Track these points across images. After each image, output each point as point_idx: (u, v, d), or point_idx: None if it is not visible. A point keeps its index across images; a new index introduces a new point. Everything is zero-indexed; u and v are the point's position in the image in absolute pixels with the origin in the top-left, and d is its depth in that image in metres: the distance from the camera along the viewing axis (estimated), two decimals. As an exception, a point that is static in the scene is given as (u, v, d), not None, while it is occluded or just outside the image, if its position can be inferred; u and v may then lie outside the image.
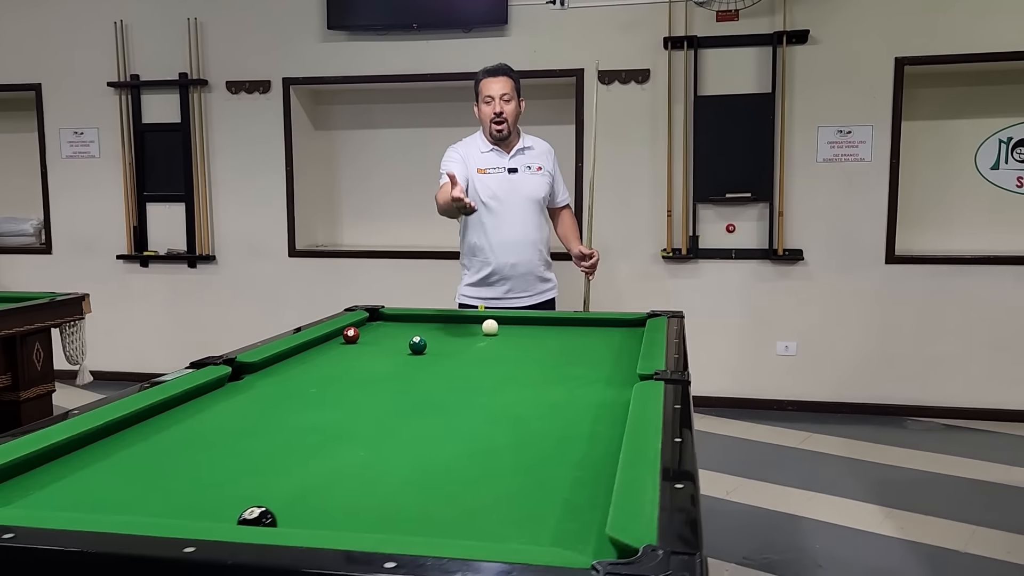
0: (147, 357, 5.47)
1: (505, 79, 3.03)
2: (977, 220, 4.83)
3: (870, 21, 4.54)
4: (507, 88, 3.03)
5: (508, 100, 3.02)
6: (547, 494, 1.21)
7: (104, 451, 1.41)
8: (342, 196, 5.60)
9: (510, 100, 3.03)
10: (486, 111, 3.04)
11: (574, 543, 1.04)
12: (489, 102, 3.02)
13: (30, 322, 3.33)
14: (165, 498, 1.20)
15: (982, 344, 4.62)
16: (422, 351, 2.27)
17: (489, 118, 3.04)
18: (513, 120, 3.06)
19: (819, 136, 4.66)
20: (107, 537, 0.96)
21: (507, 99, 3.02)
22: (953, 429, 4.49)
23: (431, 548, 0.93)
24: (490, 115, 3.03)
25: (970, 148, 4.82)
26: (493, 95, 3.01)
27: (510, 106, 3.03)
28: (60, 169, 5.50)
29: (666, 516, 1.02)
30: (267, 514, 1.04)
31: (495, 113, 3.01)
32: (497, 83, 3.02)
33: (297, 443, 1.46)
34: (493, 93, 3.02)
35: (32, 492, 1.22)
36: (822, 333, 4.77)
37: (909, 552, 2.89)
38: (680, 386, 1.71)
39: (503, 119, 3.02)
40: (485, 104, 3.04)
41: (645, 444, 1.33)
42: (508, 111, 3.02)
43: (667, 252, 4.81)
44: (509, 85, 3.04)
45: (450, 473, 1.31)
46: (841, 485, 3.59)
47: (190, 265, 5.40)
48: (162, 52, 5.26)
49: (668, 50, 4.70)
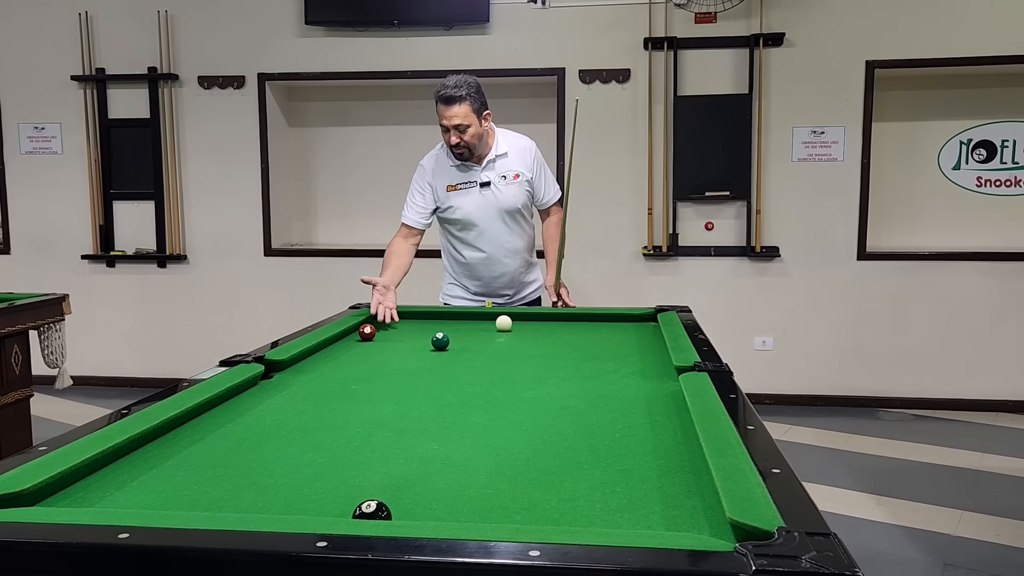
0: (115, 360, 5.30)
1: (459, 107, 2.76)
2: (940, 218, 5.03)
3: (843, 25, 4.68)
4: (463, 118, 2.77)
5: (467, 127, 2.78)
6: (638, 483, 1.22)
7: (166, 450, 1.37)
8: (317, 194, 5.52)
9: (470, 124, 2.79)
10: (445, 137, 2.84)
11: (688, 529, 1.05)
12: (445, 130, 2.81)
13: (10, 324, 3.20)
14: (256, 495, 1.17)
15: (948, 336, 4.81)
16: (445, 347, 2.26)
17: (449, 144, 2.84)
18: (475, 141, 2.84)
19: (794, 136, 4.79)
20: (232, 535, 0.94)
21: (464, 128, 2.78)
22: (923, 419, 4.66)
23: (570, 536, 0.93)
24: (449, 142, 2.82)
25: (934, 149, 5.02)
26: (447, 126, 2.79)
27: (468, 133, 2.79)
28: (19, 165, 5.29)
29: (782, 499, 1.04)
30: (383, 507, 1.02)
31: (452, 144, 2.82)
32: (451, 112, 2.76)
33: (368, 437, 1.44)
34: (448, 123, 2.78)
35: (111, 493, 1.18)
36: (798, 328, 4.90)
37: (905, 536, 3.00)
38: (727, 377, 1.75)
39: (463, 147, 2.82)
40: (442, 128, 2.82)
41: (722, 432, 1.35)
42: (467, 137, 2.80)
43: (648, 249, 4.87)
44: (465, 111, 2.77)
45: (533, 463, 1.31)
46: (829, 475, 3.69)
47: (160, 265, 5.25)
48: (130, 45, 5.10)
49: (648, 50, 4.76)
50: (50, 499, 1.14)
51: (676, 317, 2.60)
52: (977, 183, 5.02)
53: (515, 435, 1.46)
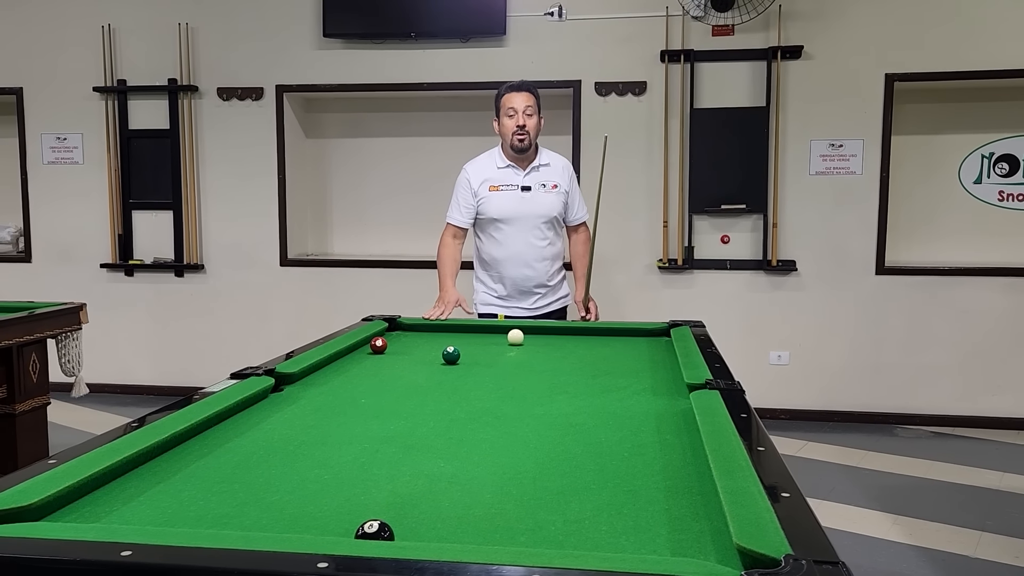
0: (133, 369, 5.34)
1: (528, 94, 3.09)
2: (962, 232, 4.96)
3: (862, 38, 4.65)
4: (530, 102, 3.08)
5: (531, 114, 3.07)
6: (644, 504, 1.21)
7: (174, 464, 1.37)
8: (333, 205, 5.54)
9: (532, 114, 3.08)
10: (508, 124, 3.08)
11: (694, 554, 1.04)
12: (512, 115, 3.06)
13: (28, 332, 3.23)
14: (261, 512, 1.16)
15: (969, 353, 4.74)
16: (455, 361, 2.26)
17: (511, 131, 3.07)
18: (534, 134, 3.11)
19: (812, 149, 4.75)
20: (233, 554, 0.93)
21: (530, 113, 3.07)
22: (942, 436, 4.59)
23: (573, 560, 0.92)
24: (512, 128, 3.06)
25: (954, 162, 4.96)
26: (517, 108, 3.06)
27: (532, 120, 3.07)
28: (41, 175, 5.36)
29: (790, 525, 1.03)
30: (385, 527, 1.02)
31: (518, 126, 3.05)
32: (521, 97, 3.07)
33: (375, 453, 1.44)
34: (516, 106, 3.06)
35: (118, 508, 1.18)
36: (814, 343, 4.84)
37: (922, 557, 2.94)
38: (738, 395, 1.73)
39: (525, 131, 3.06)
40: (508, 117, 3.08)
41: (731, 453, 1.34)
42: (530, 125, 3.07)
43: (663, 262, 4.85)
44: (532, 100, 3.09)
45: (539, 482, 1.30)
46: (845, 492, 3.64)
47: (177, 274, 5.29)
48: (150, 57, 5.17)
49: (665, 63, 4.75)
50: (57, 513, 1.14)
51: (689, 332, 2.59)
52: (999, 197, 4.95)
53: (522, 453, 1.46)
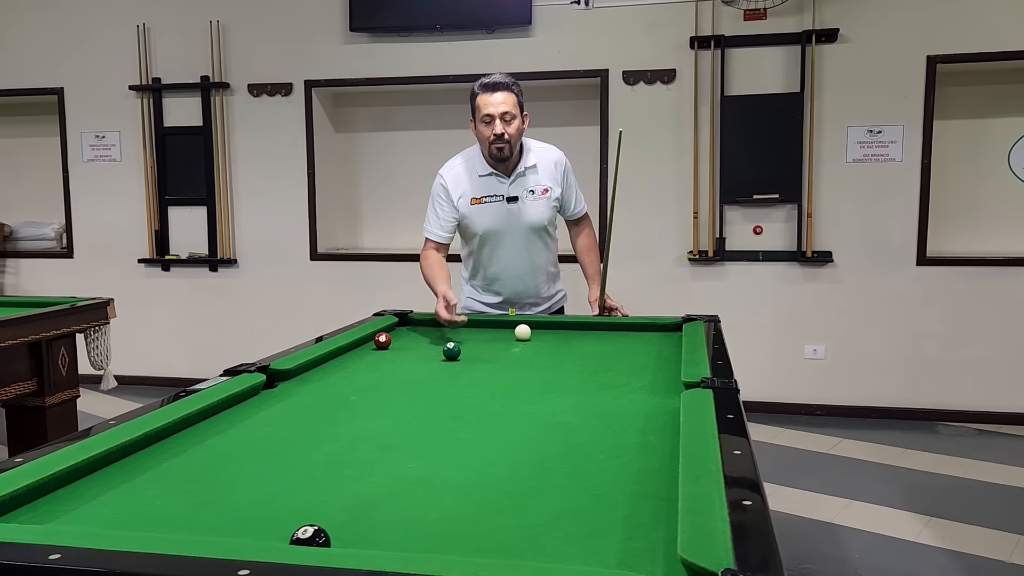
0: (167, 361, 5.47)
1: (506, 95, 2.60)
2: (1010, 220, 4.74)
3: (901, 19, 4.47)
4: (509, 105, 2.60)
5: (511, 119, 2.61)
6: (607, 509, 1.17)
7: (147, 462, 1.38)
8: (362, 199, 5.58)
9: (514, 118, 2.62)
10: (485, 132, 2.63)
11: (642, 564, 1.00)
12: (489, 122, 2.61)
13: (56, 327, 3.32)
14: (217, 513, 1.16)
15: (1015, 346, 4.53)
16: (456, 357, 2.23)
17: (489, 140, 2.63)
18: (516, 140, 2.66)
19: (849, 136, 4.59)
20: (156, 559, 0.92)
21: (509, 118, 2.61)
22: (986, 434, 4.40)
23: (502, 571, 0.89)
24: (490, 136, 2.62)
25: (1003, 147, 4.73)
26: (493, 114, 2.60)
27: (513, 125, 2.61)
28: (82, 173, 5.51)
29: (740, 536, 0.97)
30: (320, 533, 1.00)
31: (495, 134, 2.61)
32: (497, 99, 2.59)
33: (348, 453, 1.43)
34: (493, 112, 2.59)
35: (77, 507, 1.18)
36: (852, 336, 4.69)
37: (952, 562, 2.82)
38: (730, 394, 1.66)
39: (505, 141, 2.62)
40: (484, 124, 2.63)
41: (704, 457, 1.28)
42: (511, 132, 2.61)
43: (693, 254, 4.75)
44: (511, 101, 2.61)
45: (505, 485, 1.26)
46: (876, 492, 3.51)
47: (211, 269, 5.39)
48: (184, 55, 5.26)
49: (694, 50, 4.64)
50: (15, 512, 1.15)
51: (701, 327, 2.51)
52: (1052, 184, 4.72)
53: (496, 454, 1.42)
